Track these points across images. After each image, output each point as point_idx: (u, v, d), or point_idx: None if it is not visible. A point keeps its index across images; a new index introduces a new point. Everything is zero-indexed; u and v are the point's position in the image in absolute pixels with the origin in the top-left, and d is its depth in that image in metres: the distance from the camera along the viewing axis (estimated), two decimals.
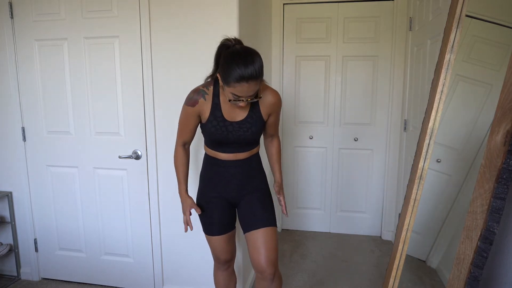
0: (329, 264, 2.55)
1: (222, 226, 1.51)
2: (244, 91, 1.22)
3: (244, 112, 1.41)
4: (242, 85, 1.20)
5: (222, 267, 1.63)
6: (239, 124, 1.40)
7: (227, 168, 1.47)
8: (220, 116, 1.39)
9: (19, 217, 2.28)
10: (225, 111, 1.40)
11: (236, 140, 1.42)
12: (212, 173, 1.50)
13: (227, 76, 1.22)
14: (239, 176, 1.48)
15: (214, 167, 1.49)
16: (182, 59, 1.90)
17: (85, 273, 2.25)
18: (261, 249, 1.42)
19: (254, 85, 1.22)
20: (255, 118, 1.42)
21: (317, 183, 3.08)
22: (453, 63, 1.38)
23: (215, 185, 1.50)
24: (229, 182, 1.48)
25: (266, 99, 1.42)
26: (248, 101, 1.27)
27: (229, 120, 1.40)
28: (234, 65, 1.19)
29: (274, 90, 1.46)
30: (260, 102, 1.42)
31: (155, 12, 1.89)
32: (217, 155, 1.47)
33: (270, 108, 1.45)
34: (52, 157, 2.16)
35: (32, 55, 2.08)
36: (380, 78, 2.85)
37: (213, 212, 1.50)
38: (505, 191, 1.10)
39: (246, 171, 1.48)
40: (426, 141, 1.44)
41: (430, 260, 2.24)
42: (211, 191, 1.51)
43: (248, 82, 1.20)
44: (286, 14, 2.92)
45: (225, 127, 1.40)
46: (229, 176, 1.47)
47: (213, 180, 1.50)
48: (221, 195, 1.50)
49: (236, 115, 1.41)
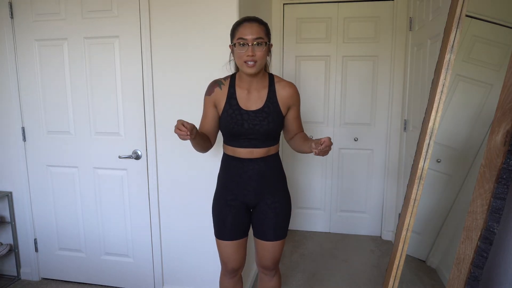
0: (329, 264, 2.55)
1: (234, 231, 1.49)
2: (248, 32, 1.31)
3: (261, 101, 1.41)
4: (245, 25, 1.32)
5: (228, 275, 1.58)
6: (255, 113, 1.39)
7: (244, 168, 1.44)
8: (235, 104, 1.40)
9: (19, 217, 2.27)
10: (240, 100, 1.41)
11: (252, 131, 1.39)
12: (229, 173, 1.48)
13: (232, 30, 1.37)
14: (256, 177, 1.44)
15: (231, 167, 1.47)
16: (183, 59, 1.89)
17: (85, 273, 2.25)
18: (267, 255, 1.51)
19: (257, 27, 1.32)
20: (272, 108, 1.41)
21: (317, 183, 3.08)
22: (453, 63, 1.38)
23: (232, 187, 1.47)
24: (246, 184, 1.45)
25: (283, 90, 1.43)
26: (254, 48, 1.31)
27: (244, 109, 1.40)
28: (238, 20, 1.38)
29: (290, 82, 1.48)
30: (277, 94, 1.43)
31: (155, 12, 1.89)
32: (234, 152, 1.45)
33: (288, 99, 1.44)
34: (52, 157, 2.16)
35: (32, 55, 2.08)
36: (380, 78, 2.85)
37: (227, 215, 1.47)
38: (505, 191, 1.10)
39: (263, 172, 1.44)
40: (426, 141, 1.44)
41: (430, 260, 2.24)
42: (228, 193, 1.48)
43: (250, 23, 1.32)
44: (286, 14, 2.92)
45: (240, 115, 1.39)
46: (246, 178, 1.44)
47: (230, 181, 1.48)
48: (238, 198, 1.47)
49: (252, 103, 1.41)
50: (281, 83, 1.45)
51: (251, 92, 1.43)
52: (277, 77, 1.47)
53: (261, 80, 1.43)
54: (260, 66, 1.36)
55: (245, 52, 1.32)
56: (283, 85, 1.44)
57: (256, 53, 1.32)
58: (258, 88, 1.43)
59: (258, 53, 1.32)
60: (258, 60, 1.33)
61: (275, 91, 1.43)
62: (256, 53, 1.32)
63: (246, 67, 1.34)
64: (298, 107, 1.49)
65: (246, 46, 1.31)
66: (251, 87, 1.43)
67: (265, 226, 1.47)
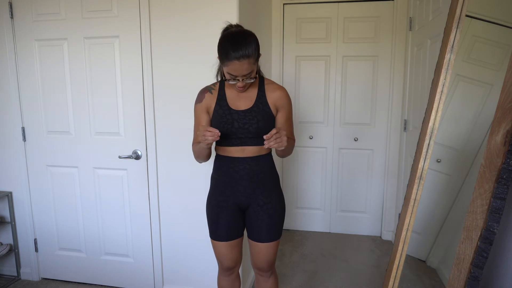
0: (329, 264, 2.55)
1: (228, 232, 1.49)
2: (237, 69, 1.27)
3: (250, 101, 1.42)
4: (234, 63, 1.26)
5: (224, 273, 1.60)
6: (244, 113, 1.40)
7: (235, 167, 1.44)
8: (225, 105, 1.42)
9: (19, 217, 2.28)
10: (230, 100, 1.43)
11: (242, 130, 1.40)
12: (221, 173, 1.48)
13: (221, 56, 1.29)
14: (247, 177, 1.44)
15: (222, 166, 1.47)
16: (182, 59, 1.89)
17: (85, 273, 2.25)
18: (262, 257, 1.51)
19: (246, 63, 1.27)
20: (261, 108, 1.41)
21: (317, 183, 3.08)
22: (453, 63, 1.38)
23: (224, 188, 1.48)
24: (237, 184, 1.45)
25: (272, 92, 1.44)
26: (244, 81, 1.31)
27: (234, 109, 1.41)
28: (226, 44, 1.27)
29: (281, 85, 1.49)
30: (267, 94, 1.43)
31: (155, 12, 1.89)
32: (225, 151, 1.45)
33: (276, 101, 1.44)
34: (52, 157, 2.16)
35: (32, 55, 2.08)
36: (380, 78, 2.85)
37: (220, 217, 1.48)
38: (505, 191, 1.10)
39: (254, 172, 1.44)
40: (426, 141, 1.44)
41: (430, 260, 2.24)
42: (220, 194, 1.49)
43: (239, 61, 1.25)
44: (286, 14, 2.92)
45: (230, 115, 1.40)
46: (238, 178, 1.44)
47: (222, 181, 1.48)
48: (230, 199, 1.47)
49: (241, 103, 1.42)
50: (271, 85, 1.46)
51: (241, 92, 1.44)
52: (268, 80, 1.48)
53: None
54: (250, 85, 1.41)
55: (235, 84, 1.34)
56: (274, 88, 1.45)
57: (246, 84, 1.36)
58: (248, 89, 1.44)
59: (248, 83, 1.37)
60: (248, 85, 1.39)
61: (265, 91, 1.44)
62: (246, 84, 1.36)
63: (237, 89, 1.38)
64: (287, 112, 1.47)
65: (237, 80, 1.33)
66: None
67: (258, 227, 1.47)
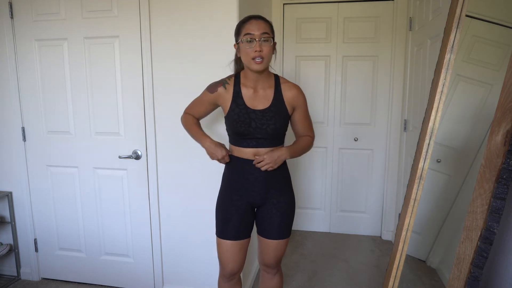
0: (329, 264, 2.55)
1: (237, 231, 1.48)
2: (255, 27, 1.33)
3: (267, 101, 1.42)
4: (252, 22, 1.34)
5: (226, 278, 1.55)
6: (262, 113, 1.40)
7: (250, 170, 1.43)
8: (242, 104, 1.41)
9: (19, 217, 2.27)
10: (247, 99, 1.42)
11: (259, 130, 1.39)
12: (235, 174, 1.47)
13: (239, 26, 1.38)
14: (261, 179, 1.43)
15: (237, 168, 1.46)
16: (183, 59, 1.89)
17: (85, 273, 2.25)
18: (271, 254, 1.52)
19: (263, 23, 1.34)
20: (279, 107, 1.41)
21: (317, 183, 3.08)
22: (453, 63, 1.38)
23: (238, 188, 1.47)
24: (252, 185, 1.45)
25: (288, 91, 1.45)
26: (261, 43, 1.32)
27: (251, 108, 1.40)
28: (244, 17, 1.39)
29: (295, 83, 1.49)
30: (284, 94, 1.44)
31: (155, 12, 1.89)
32: (241, 152, 1.45)
33: (293, 100, 1.45)
34: (52, 157, 2.16)
35: (32, 55, 2.08)
36: (380, 78, 2.85)
37: (233, 215, 1.47)
38: (505, 191, 1.10)
39: (269, 174, 1.44)
40: (426, 141, 1.44)
41: (430, 260, 2.24)
42: (234, 193, 1.48)
43: (256, 20, 1.34)
44: (286, 14, 2.92)
45: (247, 114, 1.39)
46: (253, 180, 1.44)
47: (236, 182, 1.47)
48: (244, 198, 1.47)
49: (259, 103, 1.41)
50: (287, 84, 1.46)
51: (257, 91, 1.43)
52: (282, 78, 1.48)
53: (266, 79, 1.44)
54: (267, 63, 1.37)
55: (252, 48, 1.32)
56: (289, 86, 1.45)
57: (263, 49, 1.33)
58: (264, 87, 1.43)
59: (265, 49, 1.33)
60: (265, 57, 1.34)
61: (281, 91, 1.44)
62: (263, 49, 1.33)
63: (254, 63, 1.34)
64: (303, 109, 1.49)
65: (254, 42, 1.32)
66: (257, 86, 1.43)
67: (270, 224, 1.48)
